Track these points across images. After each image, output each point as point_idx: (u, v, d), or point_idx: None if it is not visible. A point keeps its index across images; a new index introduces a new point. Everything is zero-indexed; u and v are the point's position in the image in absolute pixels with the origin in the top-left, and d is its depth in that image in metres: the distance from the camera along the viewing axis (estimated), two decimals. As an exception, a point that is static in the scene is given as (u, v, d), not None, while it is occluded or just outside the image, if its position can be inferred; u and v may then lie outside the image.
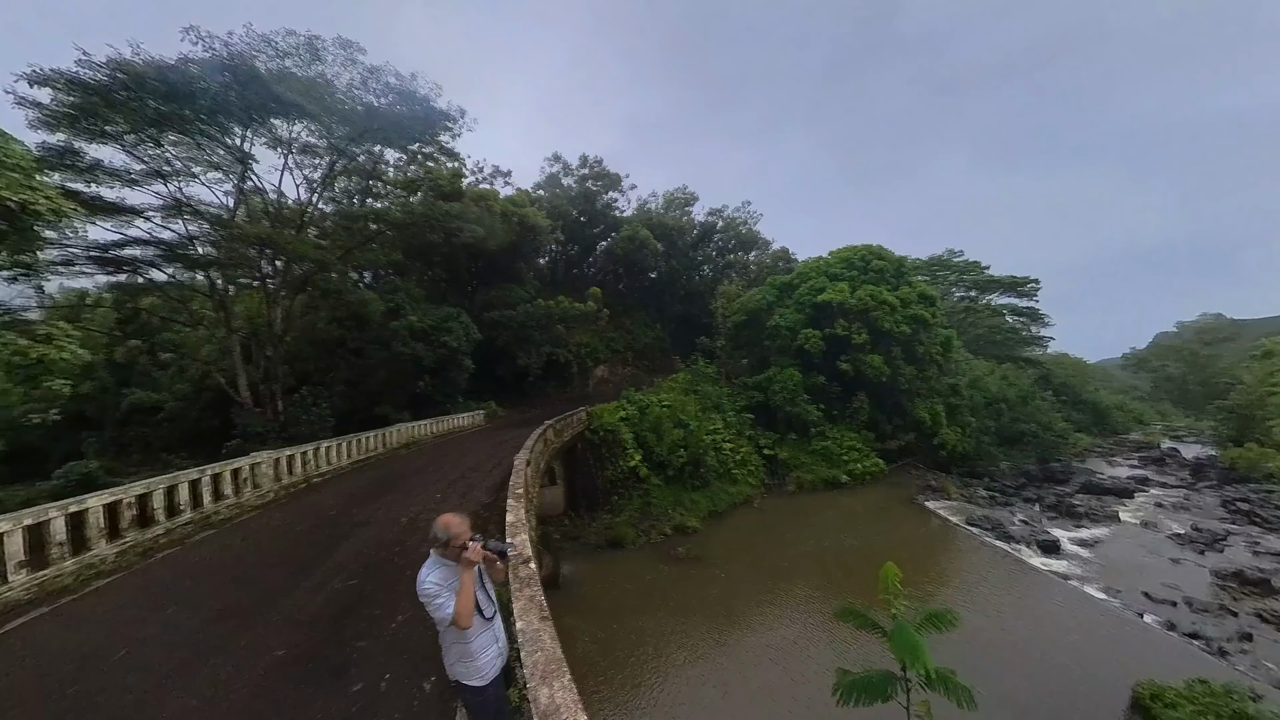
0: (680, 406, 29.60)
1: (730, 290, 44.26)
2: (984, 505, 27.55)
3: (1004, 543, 21.46)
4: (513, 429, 23.18)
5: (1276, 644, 13.77)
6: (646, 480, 24.59)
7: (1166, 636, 14.21)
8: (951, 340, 38.08)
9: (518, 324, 34.76)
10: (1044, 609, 15.61)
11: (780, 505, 27.03)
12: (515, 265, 40.26)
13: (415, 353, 26.64)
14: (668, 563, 19.14)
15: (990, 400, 40.79)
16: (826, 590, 17.17)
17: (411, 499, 11.24)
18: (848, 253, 39.48)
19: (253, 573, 7.46)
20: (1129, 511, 26.30)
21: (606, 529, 21.52)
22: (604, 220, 50.49)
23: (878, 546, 21.21)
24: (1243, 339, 63.52)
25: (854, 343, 33.88)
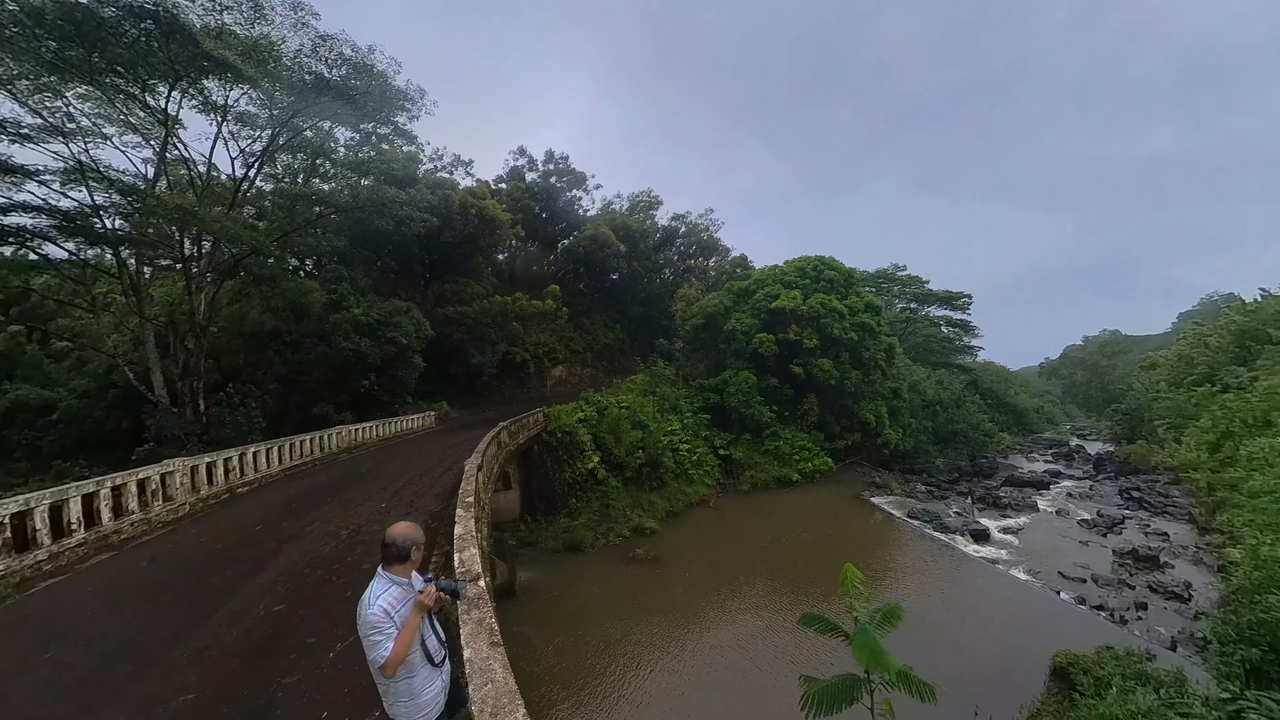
0: (639, 408, 29.43)
1: (690, 294, 44.59)
2: (923, 499, 29.28)
3: (941, 533, 22.86)
4: (465, 431, 22.17)
5: (1164, 611, 15.50)
6: (605, 482, 24.27)
7: (1078, 610, 15.67)
8: (894, 347, 40.26)
9: (473, 321, 33.14)
10: (977, 592, 16.83)
11: (735, 504, 27.43)
12: (472, 259, 38.54)
13: (360, 349, 24.76)
14: (628, 565, 18.91)
15: (927, 403, 43.47)
16: (783, 584, 17.51)
17: (353, 509, 10.32)
18: (801, 262, 40.87)
19: (160, 600, 6.49)
20: (1045, 501, 28.85)
21: (564, 533, 21.03)
22: (567, 218, 49.52)
23: (828, 541, 21.89)
24: (1134, 352, 71.75)
25: (805, 347, 35.07)
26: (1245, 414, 22.38)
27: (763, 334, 36.00)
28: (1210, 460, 24.62)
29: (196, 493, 11.67)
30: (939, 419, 42.65)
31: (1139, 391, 44.58)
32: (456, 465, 13.75)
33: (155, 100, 18.60)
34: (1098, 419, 64.88)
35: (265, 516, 10.21)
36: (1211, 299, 74.05)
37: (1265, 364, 26.69)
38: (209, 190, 21.82)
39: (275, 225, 24.12)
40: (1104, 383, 66.44)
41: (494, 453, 14.64)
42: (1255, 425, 19.24)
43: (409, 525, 3.01)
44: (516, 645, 12.58)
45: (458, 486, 9.28)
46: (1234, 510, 17.05)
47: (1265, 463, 11.93)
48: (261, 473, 14.05)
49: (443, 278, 36.97)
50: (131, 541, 9.21)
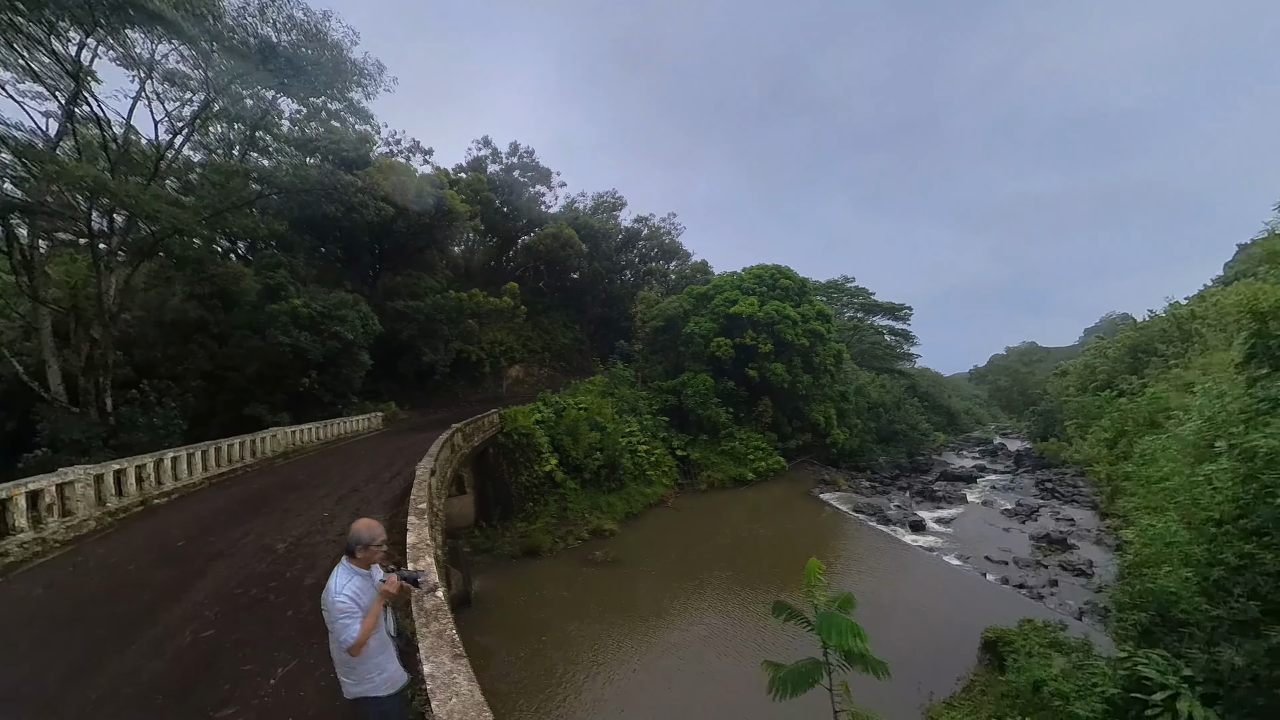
0: (597, 409, 29.22)
1: (650, 296, 44.84)
2: (867, 494, 30.91)
3: (883, 525, 24.26)
4: (416, 433, 21.10)
5: (1073, 586, 17.30)
6: (563, 485, 23.88)
7: (1002, 589, 17.29)
8: (842, 353, 42.31)
9: (425, 316, 31.45)
10: (914, 577, 18.06)
11: (693, 503, 27.76)
12: (426, 251, 36.78)
13: (299, 343, 22.78)
14: (588, 567, 18.66)
15: (871, 405, 45.91)
16: (742, 579, 17.82)
17: (291, 520, 9.53)
18: (759, 270, 42.15)
19: (61, 633, 5.59)
20: (974, 494, 31.37)
21: (522, 537, 20.48)
22: (529, 214, 48.13)
23: (782, 536, 22.51)
24: (1049, 361, 79.46)
25: (761, 351, 36.11)
26: (1136, 415, 25.25)
27: (720, 338, 36.75)
28: (1109, 455, 27.60)
29: (103, 506, 10.23)
30: (882, 420, 45.19)
31: (1052, 395, 49.43)
32: (407, 470, 12.97)
33: (65, 47, 16.16)
34: (1018, 420, 70.86)
35: (189, 531, 9.24)
36: (1111, 317, 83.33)
37: (1152, 373, 30.27)
38: (126, 157, 19.31)
39: (204, 202, 21.45)
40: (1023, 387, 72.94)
41: (447, 456, 13.96)
42: (1144, 425, 21.82)
43: (373, 521, 3.23)
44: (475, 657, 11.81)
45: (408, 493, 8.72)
46: (1128, 497, 19.09)
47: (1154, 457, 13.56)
48: (183, 481, 12.64)
49: (394, 269, 34.99)
50: (21, 566, 7.94)
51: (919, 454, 43.96)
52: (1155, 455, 13.14)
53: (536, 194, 49.53)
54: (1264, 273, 22.54)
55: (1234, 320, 18.81)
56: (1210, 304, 30.85)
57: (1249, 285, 22.75)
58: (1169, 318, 35.45)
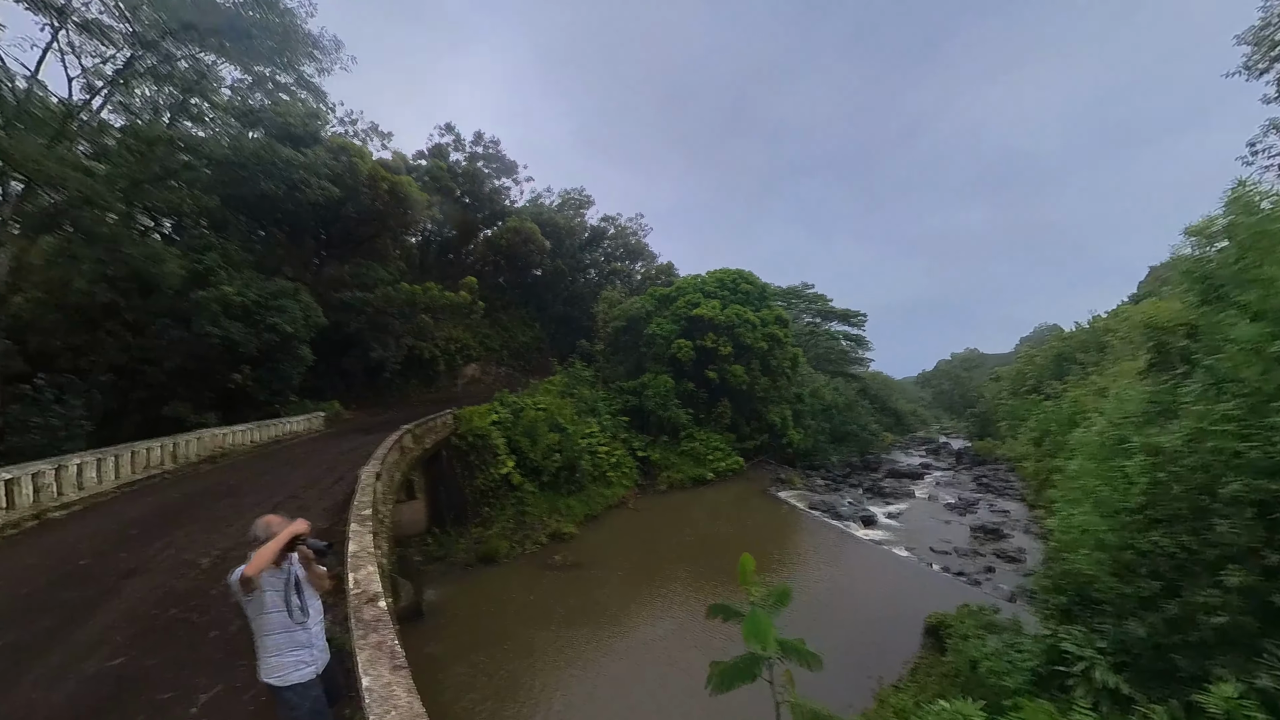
0: (557, 409, 28.81)
1: (613, 296, 44.75)
2: (821, 492, 32.06)
3: (836, 520, 25.27)
4: (362, 435, 20.07)
5: (1006, 572, 18.59)
6: (520, 488, 23.36)
7: (944, 577, 18.42)
8: (799, 356, 43.77)
9: (375, 309, 29.64)
10: (865, 569, 19.02)
11: (653, 504, 27.84)
12: (378, 240, 34.68)
13: (231, 335, 20.72)
14: (547, 572, 18.32)
15: (825, 407, 47.75)
16: (701, 578, 18.01)
17: (218, 531, 8.89)
18: (722, 274, 42.98)
19: None
20: (920, 489, 33.24)
21: (477, 544, 19.80)
22: (491, 207, 46.65)
23: (741, 534, 23.00)
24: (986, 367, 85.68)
25: (720, 354, 36.79)
26: (1058, 417, 27.74)
27: (682, 340, 37.17)
28: (1036, 452, 30.11)
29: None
30: (835, 421, 47.09)
31: (988, 398, 53.22)
32: (350, 474, 12.24)
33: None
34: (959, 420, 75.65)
35: (97, 546, 8.32)
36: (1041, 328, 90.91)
37: (1073, 379, 33.18)
38: (26, 113, 17.02)
39: (121, 171, 19.08)
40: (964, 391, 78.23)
41: (396, 459, 13.38)
42: (1065, 425, 24.00)
43: (276, 516, 3.23)
44: (428, 670, 11.51)
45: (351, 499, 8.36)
46: (1051, 489, 20.78)
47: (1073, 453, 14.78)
48: (89, 490, 11.34)
49: (341, 257, 32.82)
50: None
51: (869, 453, 46.06)
52: (1075, 452, 14.30)
53: (501, 186, 48.28)
54: (1166, 293, 25.15)
55: (1140, 333, 20.86)
56: (1121, 319, 34.10)
57: (1153, 303, 25.47)
58: (1090, 330, 38.98)
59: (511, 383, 38.59)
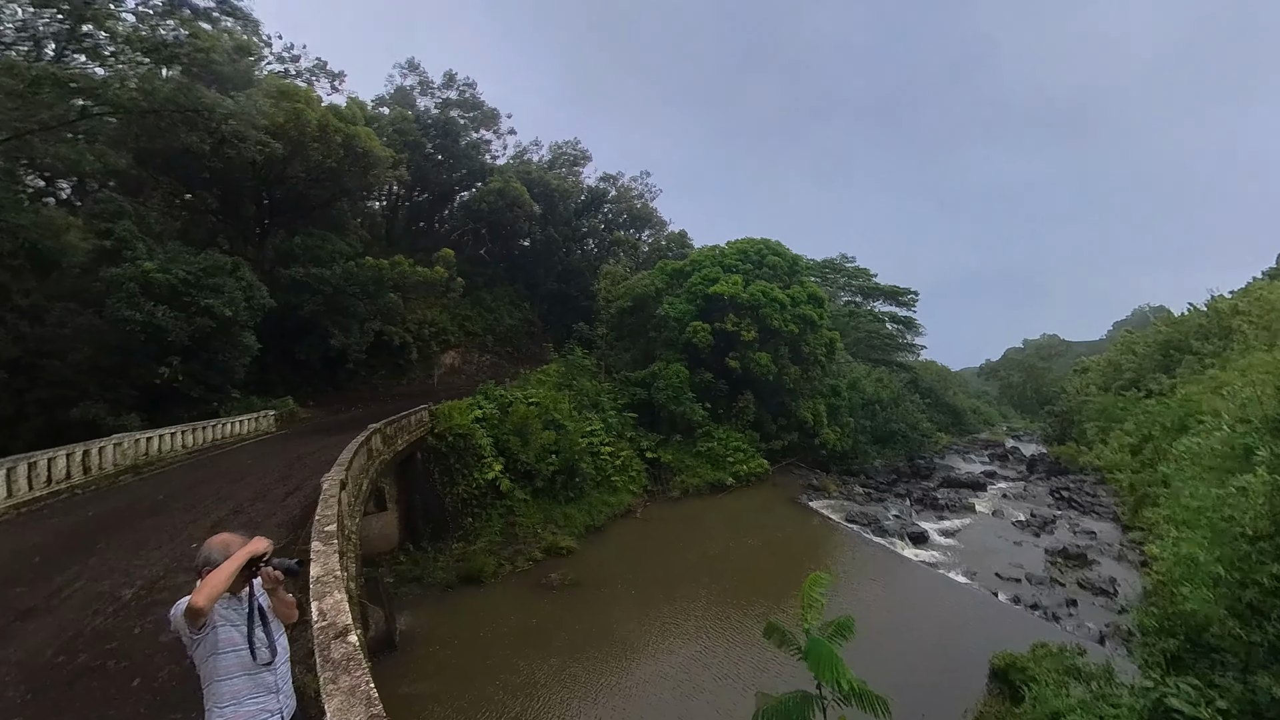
0: (552, 404, 29.32)
1: (616, 271, 44.97)
2: (861, 502, 32.46)
3: (880, 537, 25.60)
4: (322, 436, 20.52)
5: (1093, 606, 18.38)
6: (509, 495, 23.90)
7: (1014, 609, 18.38)
8: (835, 342, 43.88)
9: (333, 288, 29.67)
10: (916, 596, 19.07)
11: (665, 512, 28.46)
12: (334, 205, 34.88)
13: (155, 320, 20.11)
14: (542, 593, 18.74)
15: (866, 401, 47.98)
16: (725, 596, 18.46)
17: (144, 556, 8.69)
18: (744, 245, 43.07)
19: None
20: (982, 502, 33.27)
21: (459, 561, 20.31)
22: (468, 164, 46.65)
23: (767, 549, 23.46)
24: (1070, 355, 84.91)
25: (743, 339, 37.01)
26: (1165, 419, 27.16)
27: (698, 322, 37.41)
28: (1133, 462, 29.62)
29: None
30: (877, 418, 47.36)
31: (1071, 394, 52.54)
32: (309, 483, 12.54)
33: None
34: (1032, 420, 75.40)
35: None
36: (1143, 309, 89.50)
37: (1185, 373, 32.46)
38: None
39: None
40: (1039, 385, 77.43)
41: (363, 465, 13.50)
42: (1173, 430, 23.32)
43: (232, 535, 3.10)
44: (405, 714, 11.75)
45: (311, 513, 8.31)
46: (1154, 508, 20.61)
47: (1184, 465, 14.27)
48: None
49: (289, 227, 32.89)
50: None
51: (919, 457, 46.37)
52: (1186, 462, 13.97)
53: (479, 140, 48.24)
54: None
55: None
56: (1254, 299, 32.42)
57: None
58: (1209, 312, 37.68)
59: (498, 373, 39.19)
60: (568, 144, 56.76)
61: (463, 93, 46.95)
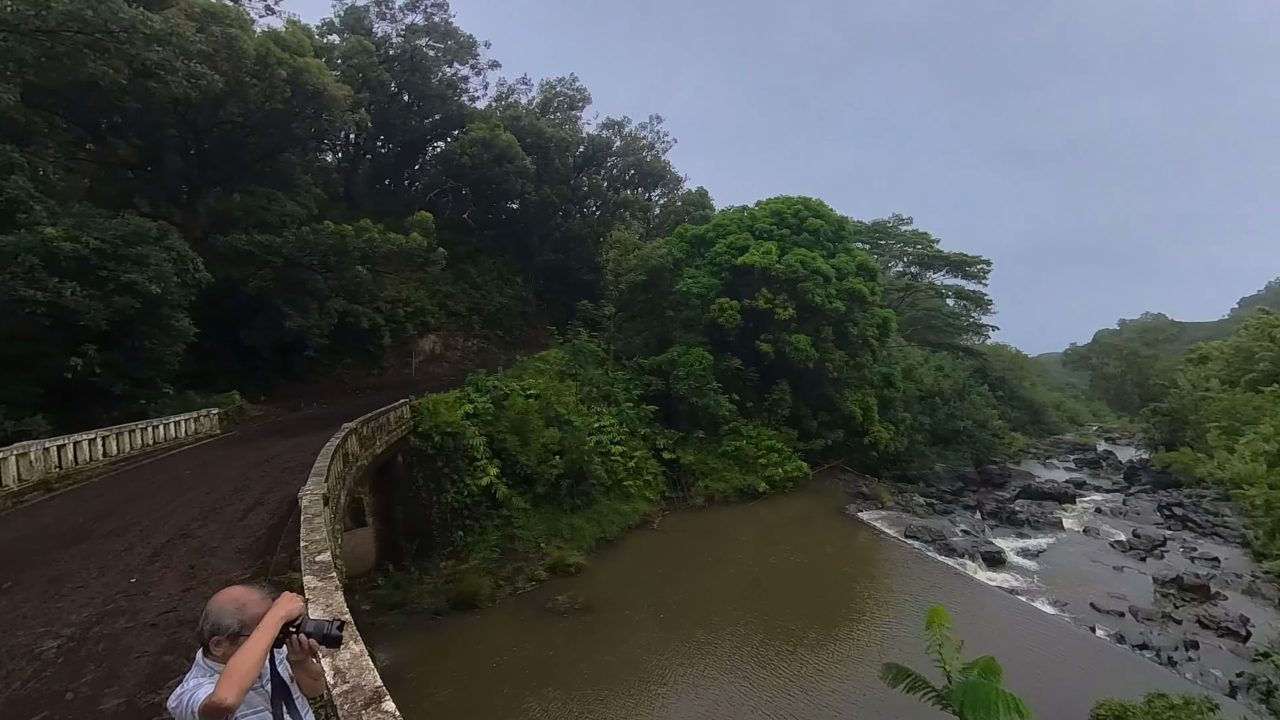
0: (554, 396, 29.67)
1: (626, 238, 44.83)
2: (921, 514, 32.75)
3: (946, 556, 25.80)
4: (278, 438, 20.74)
5: (1219, 650, 17.89)
6: (507, 504, 24.25)
7: (1117, 649, 18.22)
8: (890, 322, 43.88)
9: (285, 259, 28.81)
10: (993, 628, 18.85)
11: (686, 523, 28.84)
12: (280, 157, 34.25)
13: (62, 301, 18.94)
14: (548, 619, 19.02)
15: (925, 393, 48.08)
16: (765, 625, 18.62)
17: (65, 598, 8.38)
18: (779, 205, 42.97)
19: None
20: (1070, 518, 33.31)
21: (449, 583, 20.61)
22: (442, 107, 46.39)
23: (811, 567, 23.76)
24: (1183, 340, 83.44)
25: (778, 318, 37.03)
26: None
27: (724, 299, 37.51)
28: (1270, 475, 29.08)
29: None
30: (938, 414, 47.49)
31: (1184, 389, 51.54)
32: (270, 497, 12.57)
33: None
34: (1132, 419, 74.38)
35: None
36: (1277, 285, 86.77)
37: None
38: None
39: None
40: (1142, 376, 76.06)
41: (339, 473, 13.57)
42: None
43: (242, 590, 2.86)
44: None
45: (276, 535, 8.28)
46: None
47: None
48: None
49: (226, 184, 31.93)
50: None
51: (991, 461, 46.54)
52: None
53: (454, 77, 47.84)
54: None
55: None
56: None
57: None
58: None
59: (487, 360, 39.57)
60: (562, 83, 56.52)
61: (430, 16, 45.90)
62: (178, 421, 21.91)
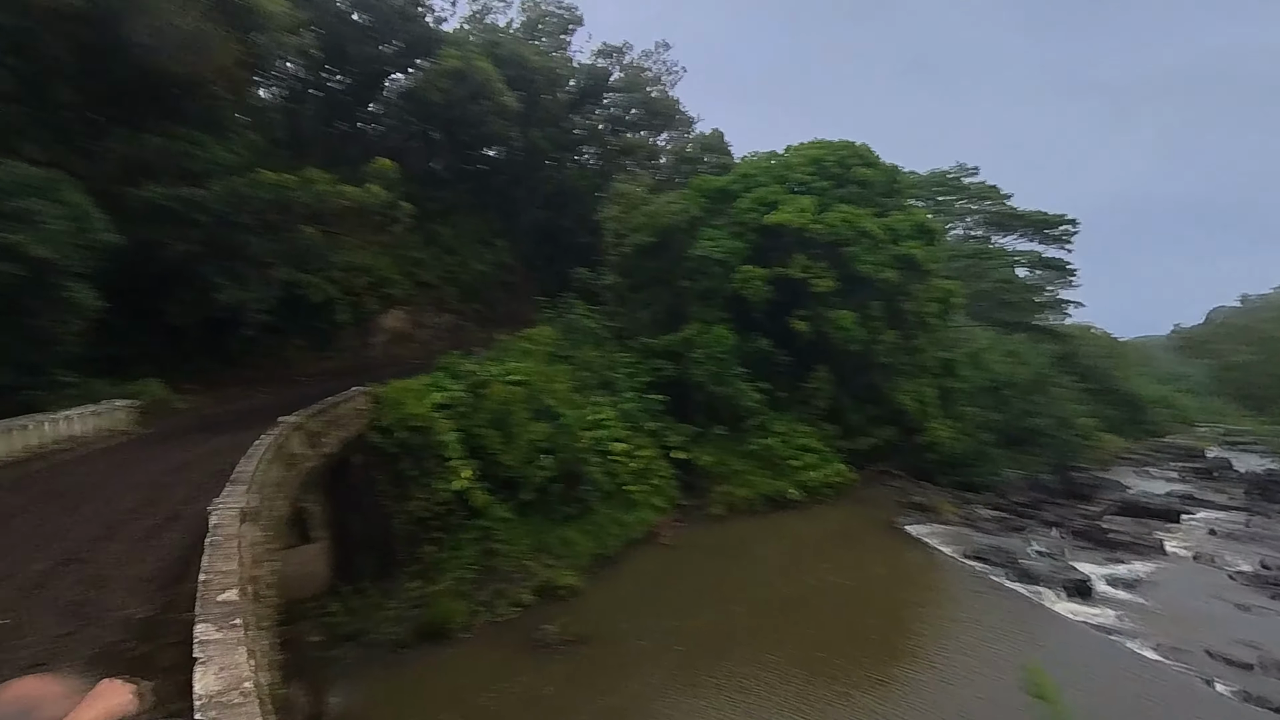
0: (543, 383, 29.77)
1: (630, 191, 44.52)
2: (989, 531, 32.56)
3: (1019, 583, 25.58)
4: (208, 436, 20.62)
5: None
6: (486, 512, 24.38)
7: (1246, 710, 17.76)
8: (953, 296, 43.63)
9: (214, 217, 27.87)
10: (1082, 674, 18.38)
11: (702, 537, 28.81)
12: (204, 91, 33.40)
13: None
14: (535, 654, 19.05)
15: (995, 383, 47.86)
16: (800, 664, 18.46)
17: None
18: (818, 151, 42.62)
19: None
20: (1177, 541, 32.80)
21: (416, 608, 20.77)
22: (404, 30, 45.76)
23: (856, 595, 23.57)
24: None
25: (816, 290, 36.97)
26: None
27: (750, 266, 37.40)
28: None
29: None
30: (1010, 409, 47.08)
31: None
32: (189, 509, 12.23)
33: None
34: (1263, 419, 73.20)
35: None
36: None
37: None
38: None
39: None
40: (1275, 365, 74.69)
41: (279, 478, 13.60)
42: None
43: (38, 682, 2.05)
44: None
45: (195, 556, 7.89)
46: None
47: None
48: None
49: (136, 123, 31.30)
50: None
51: (1075, 467, 45.96)
52: None
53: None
54: None
55: None
56: None
57: None
58: None
59: (463, 339, 39.61)
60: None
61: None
62: (78, 416, 21.32)
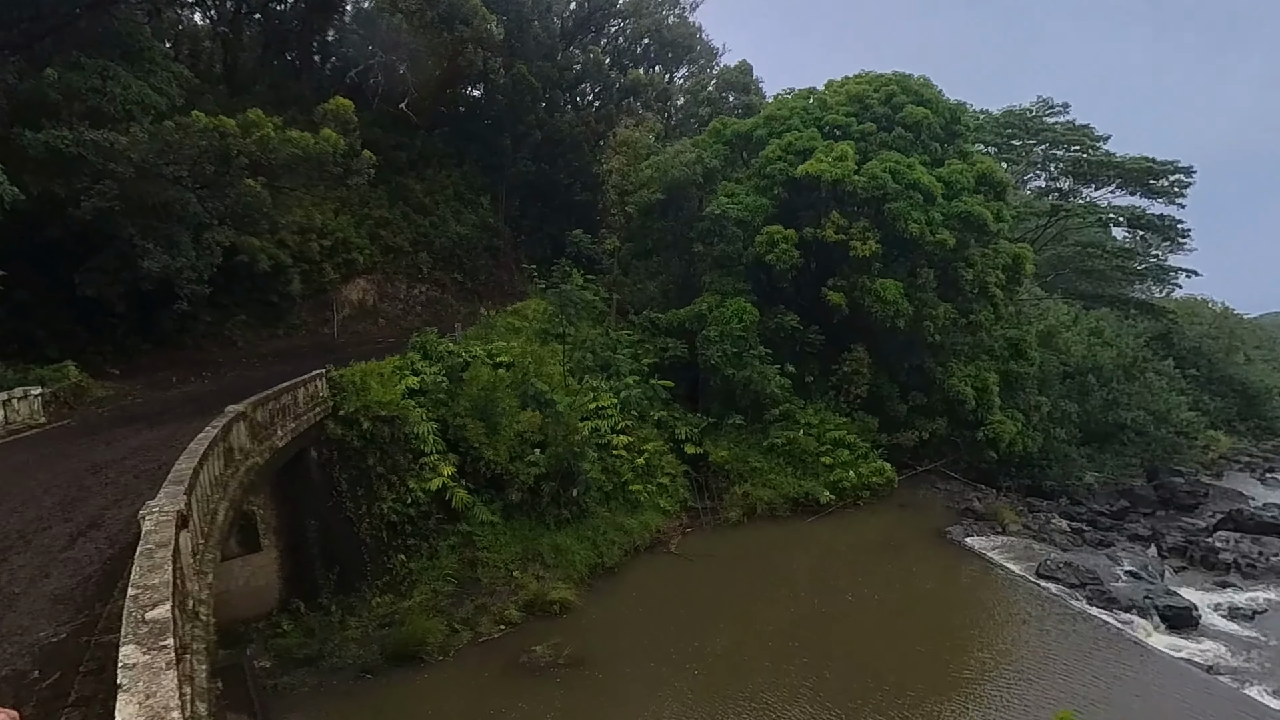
0: (533, 364, 30.08)
1: (636, 139, 44.62)
2: (1064, 544, 32.26)
3: (1102, 609, 25.40)
4: (136, 429, 20.64)
5: None
6: (467, 515, 24.74)
7: None
8: (1024, 262, 43.00)
9: (137, 168, 27.58)
10: None
11: (717, 545, 29.01)
12: (117, 11, 32.76)
13: None
14: (523, 679, 19.25)
15: (1073, 369, 47.57)
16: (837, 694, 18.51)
17: None
18: (860, 87, 42.35)
19: None
20: None
21: (384, 626, 21.13)
22: None
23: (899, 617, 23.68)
24: None
25: (855, 256, 36.80)
26: None
27: (776, 227, 37.33)
28: None
29: None
30: (1093, 400, 46.90)
31: None
32: (113, 515, 12.57)
33: None
34: None
35: None
36: None
37: None
38: None
39: None
40: None
41: (218, 477, 13.72)
42: None
43: None
44: None
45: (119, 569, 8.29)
46: None
47: None
48: None
49: (31, 52, 29.85)
50: None
51: (1174, 471, 45.63)
52: None
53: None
54: None
55: None
56: None
57: None
58: None
59: (441, 314, 40.24)
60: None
61: None
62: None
